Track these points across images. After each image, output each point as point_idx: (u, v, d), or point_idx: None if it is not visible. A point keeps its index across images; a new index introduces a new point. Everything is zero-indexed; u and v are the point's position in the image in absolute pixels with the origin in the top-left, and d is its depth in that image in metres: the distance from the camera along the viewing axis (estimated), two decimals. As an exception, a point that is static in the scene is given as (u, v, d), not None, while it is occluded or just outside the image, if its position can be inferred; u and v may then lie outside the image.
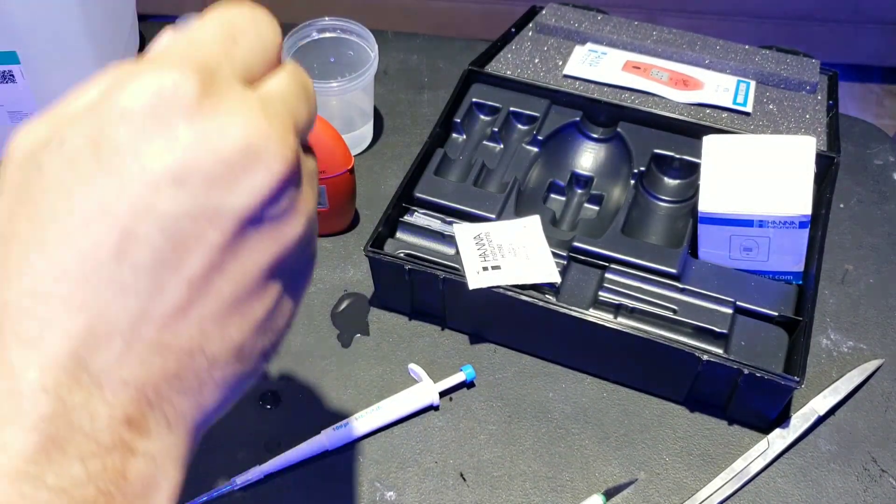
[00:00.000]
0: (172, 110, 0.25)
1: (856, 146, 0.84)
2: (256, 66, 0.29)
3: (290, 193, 0.28)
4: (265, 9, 0.31)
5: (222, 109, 0.26)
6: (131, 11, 0.89)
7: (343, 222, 0.76)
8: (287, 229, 0.28)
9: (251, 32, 0.29)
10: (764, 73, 0.81)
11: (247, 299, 0.28)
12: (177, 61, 0.26)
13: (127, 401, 0.26)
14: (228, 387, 0.29)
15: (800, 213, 0.62)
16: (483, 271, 0.64)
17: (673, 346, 0.60)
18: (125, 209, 0.25)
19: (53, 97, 0.30)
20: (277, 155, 0.27)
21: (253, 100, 0.27)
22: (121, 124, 0.25)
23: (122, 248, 0.25)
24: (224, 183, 0.26)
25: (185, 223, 0.26)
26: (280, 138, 0.27)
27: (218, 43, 0.28)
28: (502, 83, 0.80)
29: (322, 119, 0.67)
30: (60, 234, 0.25)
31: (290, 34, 0.78)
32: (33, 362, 0.24)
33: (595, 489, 0.60)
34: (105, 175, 0.25)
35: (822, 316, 0.70)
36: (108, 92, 0.26)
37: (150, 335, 0.26)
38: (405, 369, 0.67)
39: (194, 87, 0.26)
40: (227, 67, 0.28)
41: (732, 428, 0.64)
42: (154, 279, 0.26)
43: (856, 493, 0.61)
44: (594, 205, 0.73)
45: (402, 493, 0.60)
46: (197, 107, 0.25)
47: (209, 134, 0.26)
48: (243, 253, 0.27)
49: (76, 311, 0.25)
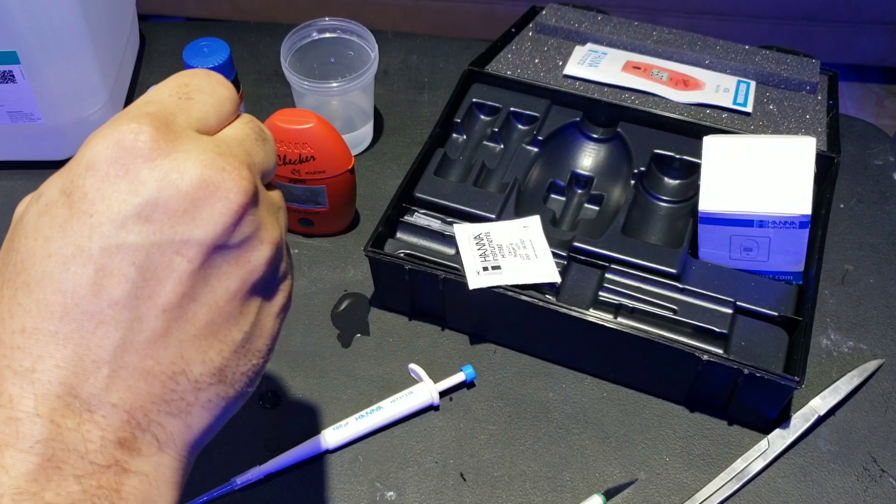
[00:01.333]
0: (132, 155, 0.28)
1: (856, 146, 0.84)
2: (211, 119, 0.32)
3: (251, 221, 0.30)
4: (220, 74, 0.34)
5: (179, 150, 0.29)
6: (131, 11, 0.89)
7: (343, 222, 0.76)
8: (252, 254, 0.31)
9: (205, 90, 0.32)
10: (764, 74, 0.81)
11: (223, 323, 0.30)
12: (133, 115, 0.29)
13: (117, 423, 0.28)
14: (216, 408, 0.31)
15: (800, 213, 0.62)
16: (483, 271, 0.64)
17: (673, 346, 0.60)
18: (97, 247, 0.28)
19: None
20: (234, 186, 0.29)
21: (207, 141, 0.30)
22: (87, 175, 0.28)
23: (98, 283, 0.28)
24: (186, 215, 0.28)
25: (154, 255, 0.28)
26: (235, 171, 0.30)
27: (172, 99, 0.31)
28: (502, 83, 0.80)
29: (322, 119, 0.67)
30: (42, 276, 0.28)
31: (290, 34, 0.78)
32: (28, 392, 0.27)
33: (595, 489, 0.60)
34: (77, 220, 0.28)
35: (822, 316, 0.70)
36: (78, 152, 0.29)
37: (133, 362, 0.28)
38: (405, 369, 0.67)
39: (150, 133, 0.28)
40: (182, 118, 0.31)
41: (732, 428, 0.64)
42: (131, 309, 0.28)
43: (856, 493, 0.61)
44: (594, 205, 0.73)
45: (402, 493, 0.60)
46: (155, 150, 0.28)
47: (168, 173, 0.28)
48: (213, 279, 0.29)
49: (63, 343, 0.27)
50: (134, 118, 0.29)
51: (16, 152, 0.80)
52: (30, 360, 0.27)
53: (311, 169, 0.68)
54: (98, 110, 0.79)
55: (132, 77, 0.89)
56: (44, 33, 0.70)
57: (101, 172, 0.28)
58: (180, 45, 0.76)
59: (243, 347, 0.31)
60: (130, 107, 0.31)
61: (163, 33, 0.95)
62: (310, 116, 0.66)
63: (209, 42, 0.76)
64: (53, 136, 0.78)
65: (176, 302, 0.29)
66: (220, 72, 0.76)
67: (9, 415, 0.26)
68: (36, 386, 0.27)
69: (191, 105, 0.31)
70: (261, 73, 0.90)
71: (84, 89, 0.77)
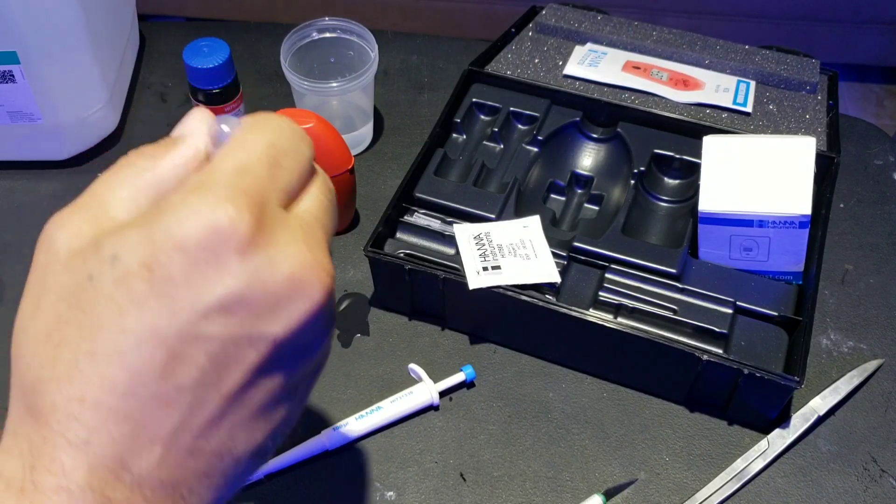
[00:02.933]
0: (226, 244, 0.27)
1: (856, 146, 0.84)
2: (295, 186, 0.31)
3: (324, 317, 0.30)
4: (294, 122, 0.32)
5: (272, 242, 0.28)
6: (131, 11, 0.89)
7: (343, 222, 0.76)
8: (315, 345, 0.31)
9: (292, 153, 0.31)
10: (764, 73, 0.81)
11: (273, 406, 0.30)
12: (230, 193, 0.27)
13: (162, 496, 0.28)
14: (245, 475, 0.31)
15: (800, 212, 0.62)
16: (483, 271, 0.64)
17: (673, 346, 0.60)
18: (174, 333, 0.27)
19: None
20: (318, 285, 0.29)
21: (296, 230, 0.29)
22: (175, 255, 0.27)
23: (168, 368, 0.27)
24: (269, 312, 0.28)
25: (229, 347, 0.28)
26: (321, 266, 0.29)
27: (265, 169, 0.29)
28: (502, 83, 0.80)
29: (322, 119, 0.66)
30: (111, 350, 0.27)
31: (290, 34, 0.78)
32: (82, 463, 0.27)
33: (595, 489, 0.60)
34: (157, 300, 0.27)
35: (822, 316, 0.70)
36: (161, 217, 0.27)
37: (186, 441, 0.28)
38: (405, 369, 0.67)
39: (249, 225, 0.27)
40: (274, 196, 0.29)
41: (732, 428, 0.64)
42: (195, 395, 0.28)
43: (856, 493, 0.61)
44: (594, 205, 0.73)
45: (402, 493, 0.60)
46: (250, 243, 0.27)
47: (259, 269, 0.27)
48: (275, 367, 0.29)
49: (122, 420, 0.27)
50: (231, 198, 0.27)
51: (16, 152, 0.80)
52: (86, 433, 0.27)
53: (311, 169, 0.68)
54: (98, 110, 0.79)
55: (132, 77, 0.89)
56: (44, 33, 0.70)
57: (191, 256, 0.27)
58: (180, 45, 0.76)
59: (284, 422, 0.31)
60: (222, 171, 0.29)
61: (163, 33, 0.95)
62: (310, 116, 0.66)
63: (209, 42, 0.76)
64: (53, 136, 0.78)
65: (238, 390, 0.29)
66: (219, 72, 0.76)
67: (60, 484, 0.27)
68: (90, 458, 0.27)
69: (280, 175, 0.30)
70: (261, 73, 0.90)
71: (84, 89, 0.77)
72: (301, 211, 0.31)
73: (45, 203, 0.78)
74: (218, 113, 0.79)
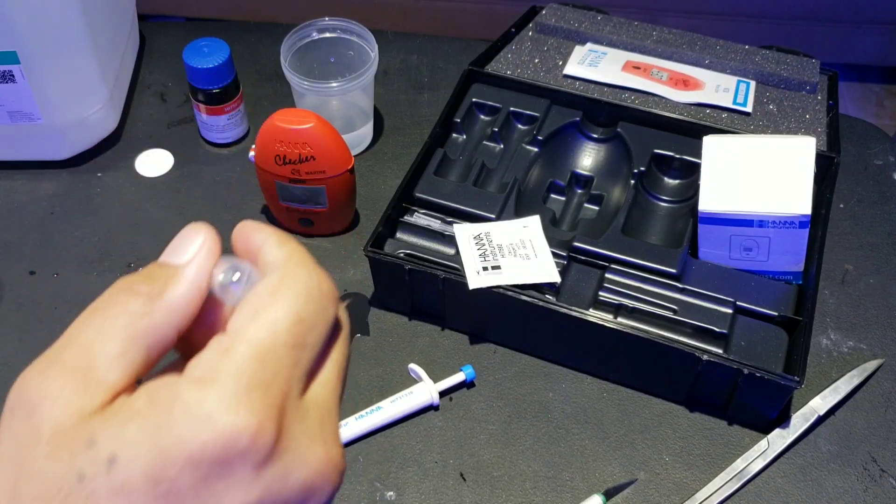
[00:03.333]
0: (242, 460, 0.24)
1: (856, 146, 0.84)
2: (318, 361, 0.28)
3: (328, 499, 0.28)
4: (325, 272, 0.29)
5: (289, 450, 0.26)
6: (131, 11, 0.89)
7: (343, 222, 0.76)
8: None
9: (320, 324, 0.28)
10: (764, 73, 0.81)
11: None
12: (250, 397, 0.25)
13: None
14: None
15: (800, 212, 0.62)
16: (483, 271, 0.64)
17: (673, 346, 0.60)
18: None
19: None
20: (329, 487, 0.27)
21: (314, 423, 0.27)
22: (185, 469, 0.24)
23: None
24: None
25: None
26: (333, 465, 0.27)
27: (289, 355, 0.26)
28: (502, 83, 0.80)
29: (322, 119, 0.66)
30: None
31: (290, 34, 0.78)
32: None
33: (595, 489, 0.60)
34: None
35: (822, 316, 0.70)
36: (171, 420, 0.24)
37: None
38: (405, 369, 0.67)
39: (271, 438, 0.25)
40: (295, 387, 0.27)
41: (732, 428, 0.64)
42: None
43: (856, 493, 0.61)
44: (594, 205, 0.73)
45: (402, 493, 0.60)
46: (267, 457, 0.25)
47: (274, 481, 0.25)
48: None
49: None
50: (251, 405, 0.24)
51: (16, 152, 0.80)
52: None
53: (311, 169, 0.68)
54: (98, 110, 0.79)
55: (132, 77, 0.89)
56: (44, 33, 0.70)
57: (203, 472, 0.24)
58: (180, 45, 0.76)
59: None
60: (242, 359, 0.25)
61: (163, 33, 0.95)
62: (310, 116, 0.66)
63: (209, 42, 0.76)
64: (53, 136, 0.78)
65: None
66: (219, 72, 0.76)
67: None
68: None
69: (304, 357, 0.27)
70: (261, 73, 0.90)
71: (84, 89, 0.77)
72: (318, 391, 0.28)
73: (45, 203, 0.78)
74: (218, 113, 0.79)
